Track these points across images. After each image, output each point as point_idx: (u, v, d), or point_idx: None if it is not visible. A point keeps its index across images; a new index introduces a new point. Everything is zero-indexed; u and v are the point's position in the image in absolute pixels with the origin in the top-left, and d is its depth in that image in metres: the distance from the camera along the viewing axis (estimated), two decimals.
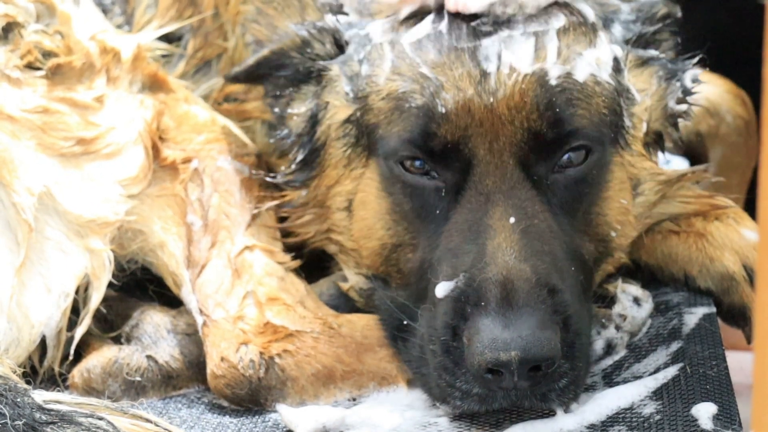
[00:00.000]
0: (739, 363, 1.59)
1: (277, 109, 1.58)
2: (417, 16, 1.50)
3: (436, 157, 1.42)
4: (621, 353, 1.49)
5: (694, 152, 2.07)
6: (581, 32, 1.47)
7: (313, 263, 1.63)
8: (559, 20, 1.47)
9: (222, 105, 1.75)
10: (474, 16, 1.46)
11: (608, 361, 1.48)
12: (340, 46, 1.54)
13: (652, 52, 1.53)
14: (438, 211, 1.44)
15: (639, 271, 1.60)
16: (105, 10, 1.78)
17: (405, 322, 1.42)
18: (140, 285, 1.63)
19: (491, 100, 1.42)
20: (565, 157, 1.43)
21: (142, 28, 1.76)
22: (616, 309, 1.51)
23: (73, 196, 1.52)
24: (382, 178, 1.48)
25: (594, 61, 1.46)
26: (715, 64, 1.81)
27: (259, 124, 1.75)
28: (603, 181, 1.46)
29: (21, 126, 1.51)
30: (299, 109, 1.56)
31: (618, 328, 1.50)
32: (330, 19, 1.56)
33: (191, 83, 1.76)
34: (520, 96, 1.41)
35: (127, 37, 1.68)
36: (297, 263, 1.57)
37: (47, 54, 1.56)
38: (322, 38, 1.55)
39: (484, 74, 1.43)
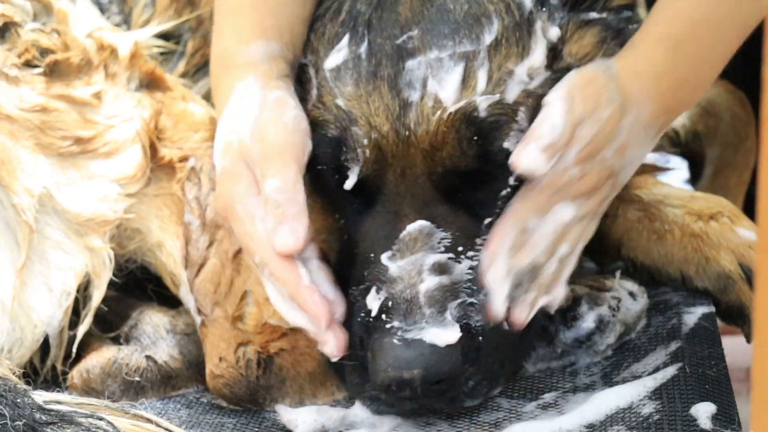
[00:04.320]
0: (740, 346, 1.59)
1: None
2: (337, 36, 1.45)
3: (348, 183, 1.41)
4: (611, 339, 1.49)
5: (691, 152, 2.08)
6: (514, 40, 1.41)
7: None
8: (492, 31, 1.39)
9: None
10: (401, 32, 1.40)
11: (601, 345, 1.49)
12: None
13: (593, 15, 1.47)
14: (353, 220, 1.43)
15: (636, 272, 1.61)
16: (102, 9, 1.77)
17: None
18: (139, 285, 1.63)
19: (408, 134, 1.37)
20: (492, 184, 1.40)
21: (140, 27, 1.76)
22: (611, 294, 1.51)
23: (72, 194, 1.52)
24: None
25: (526, 74, 1.40)
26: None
27: None
28: None
29: (19, 126, 1.51)
30: None
31: (611, 309, 1.50)
32: None
33: (191, 82, 1.76)
34: (444, 135, 1.36)
35: (124, 34, 1.68)
36: None
37: (45, 52, 1.56)
38: None
39: (405, 105, 1.37)
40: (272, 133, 1.39)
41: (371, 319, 1.33)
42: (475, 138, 1.37)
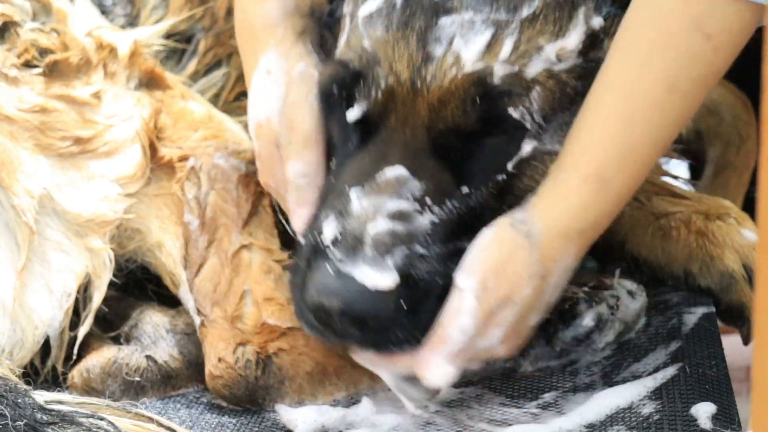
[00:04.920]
0: (740, 346, 1.59)
1: None
2: None
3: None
4: (610, 337, 1.50)
5: (693, 151, 2.08)
6: (553, 19, 1.38)
7: None
8: (532, 5, 1.37)
9: (234, 103, 1.76)
10: None
11: (600, 343, 1.50)
12: None
13: None
14: (346, 152, 1.43)
15: (638, 269, 1.61)
16: (105, 11, 1.77)
17: None
18: (139, 284, 1.63)
19: (421, 86, 1.36)
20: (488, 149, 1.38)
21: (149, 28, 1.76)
22: (610, 292, 1.51)
23: (72, 195, 1.51)
24: None
25: (554, 55, 1.38)
26: None
27: None
28: (529, 170, 1.40)
29: (19, 127, 1.51)
30: None
31: (610, 307, 1.50)
32: None
33: (205, 82, 1.76)
34: (452, 92, 1.35)
35: (123, 33, 1.67)
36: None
37: (44, 51, 1.56)
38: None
39: (427, 58, 1.37)
40: (299, 117, 1.43)
41: (319, 243, 1.34)
42: (481, 100, 1.35)
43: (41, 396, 1.30)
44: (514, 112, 1.36)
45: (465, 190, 1.37)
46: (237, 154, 1.61)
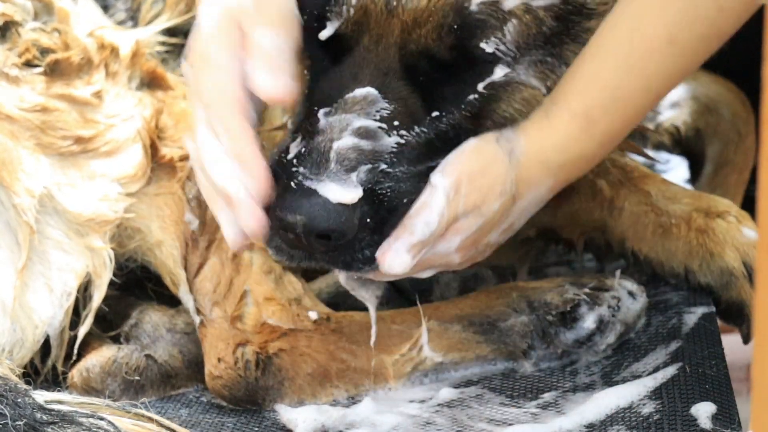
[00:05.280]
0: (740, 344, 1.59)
1: None
2: None
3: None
4: (611, 338, 1.50)
5: (692, 149, 2.08)
6: None
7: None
8: None
9: None
10: None
11: (601, 345, 1.49)
12: None
13: None
14: (316, 74, 1.43)
15: (638, 266, 1.61)
16: (107, 6, 1.77)
17: None
18: (139, 284, 1.63)
19: (397, 5, 1.36)
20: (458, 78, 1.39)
21: (149, 23, 1.75)
22: (611, 293, 1.51)
23: (72, 194, 1.51)
24: None
25: None
26: (712, 62, 1.81)
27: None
28: (503, 94, 1.40)
29: (20, 126, 1.51)
30: None
31: (611, 308, 1.50)
32: None
33: None
34: (428, 14, 1.35)
35: (125, 33, 1.67)
36: None
37: (45, 51, 1.56)
38: None
39: None
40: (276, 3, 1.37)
41: (285, 162, 1.33)
42: (456, 28, 1.35)
43: (41, 396, 1.30)
44: (487, 46, 1.36)
45: (435, 113, 1.37)
46: None
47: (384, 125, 1.34)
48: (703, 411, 1.34)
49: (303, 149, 1.33)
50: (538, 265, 1.73)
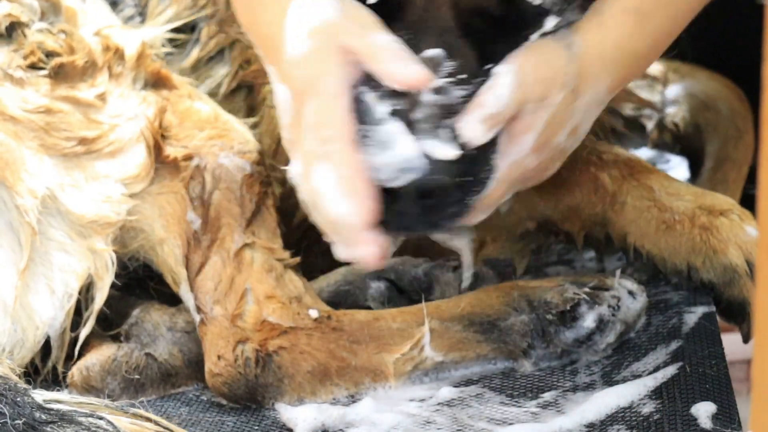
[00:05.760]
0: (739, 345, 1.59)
1: None
2: None
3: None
4: (611, 338, 1.50)
5: (691, 146, 2.08)
6: None
7: (314, 264, 1.64)
8: None
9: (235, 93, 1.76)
10: None
11: (601, 344, 1.49)
12: None
13: None
14: None
15: (639, 263, 1.61)
16: (115, 2, 1.77)
17: None
18: (141, 282, 1.63)
19: None
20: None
21: (157, 17, 1.76)
22: (611, 293, 1.51)
23: (76, 196, 1.52)
24: None
25: None
26: (712, 61, 1.81)
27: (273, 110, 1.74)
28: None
29: (24, 127, 1.51)
30: None
31: (611, 308, 1.50)
32: None
33: (205, 68, 1.76)
34: None
35: (131, 33, 1.67)
36: (296, 260, 1.57)
37: (50, 54, 1.56)
38: None
39: None
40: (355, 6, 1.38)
41: (376, 125, 1.32)
42: None
43: (40, 395, 1.31)
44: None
45: (486, 66, 1.38)
46: (242, 154, 1.61)
47: (452, 80, 1.34)
48: (703, 411, 1.34)
49: (390, 110, 1.32)
50: (538, 264, 1.73)
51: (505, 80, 1.35)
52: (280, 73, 1.41)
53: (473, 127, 1.33)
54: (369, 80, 1.35)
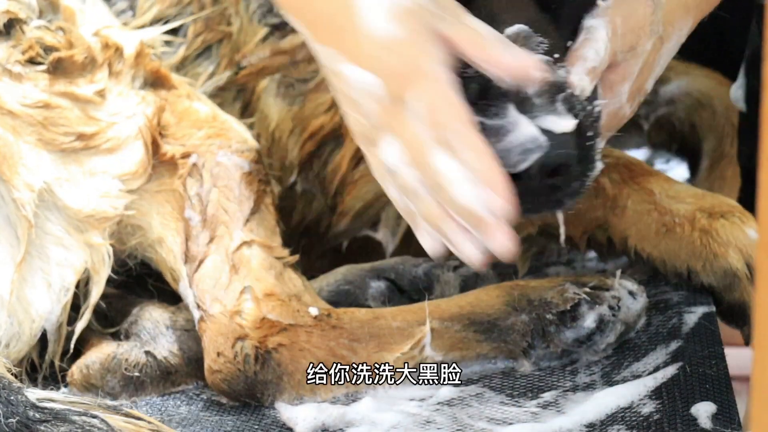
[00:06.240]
0: (735, 360, 1.58)
1: None
2: None
3: None
4: (611, 338, 1.49)
5: (688, 145, 2.08)
6: None
7: (313, 263, 1.64)
8: None
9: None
10: None
11: (601, 344, 1.49)
12: None
13: None
14: None
15: (640, 265, 1.61)
16: None
17: None
18: (140, 280, 1.63)
19: None
20: None
21: (145, 14, 1.76)
22: (611, 293, 1.51)
23: (73, 191, 1.52)
24: None
25: None
26: (711, 60, 1.81)
27: (271, 97, 1.74)
28: None
29: (22, 121, 1.51)
30: None
31: (611, 308, 1.50)
32: None
33: (193, 66, 1.76)
34: None
35: (130, 33, 1.68)
36: (295, 258, 1.57)
37: (48, 49, 1.56)
38: None
39: None
40: None
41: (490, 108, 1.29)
42: None
43: (33, 394, 1.30)
44: None
45: (568, 43, 1.37)
46: (240, 153, 1.61)
47: (550, 58, 1.32)
48: (703, 411, 1.33)
49: (500, 97, 1.28)
50: (538, 264, 1.72)
51: (601, 34, 1.36)
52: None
53: (580, 77, 1.34)
54: (465, 66, 1.30)
